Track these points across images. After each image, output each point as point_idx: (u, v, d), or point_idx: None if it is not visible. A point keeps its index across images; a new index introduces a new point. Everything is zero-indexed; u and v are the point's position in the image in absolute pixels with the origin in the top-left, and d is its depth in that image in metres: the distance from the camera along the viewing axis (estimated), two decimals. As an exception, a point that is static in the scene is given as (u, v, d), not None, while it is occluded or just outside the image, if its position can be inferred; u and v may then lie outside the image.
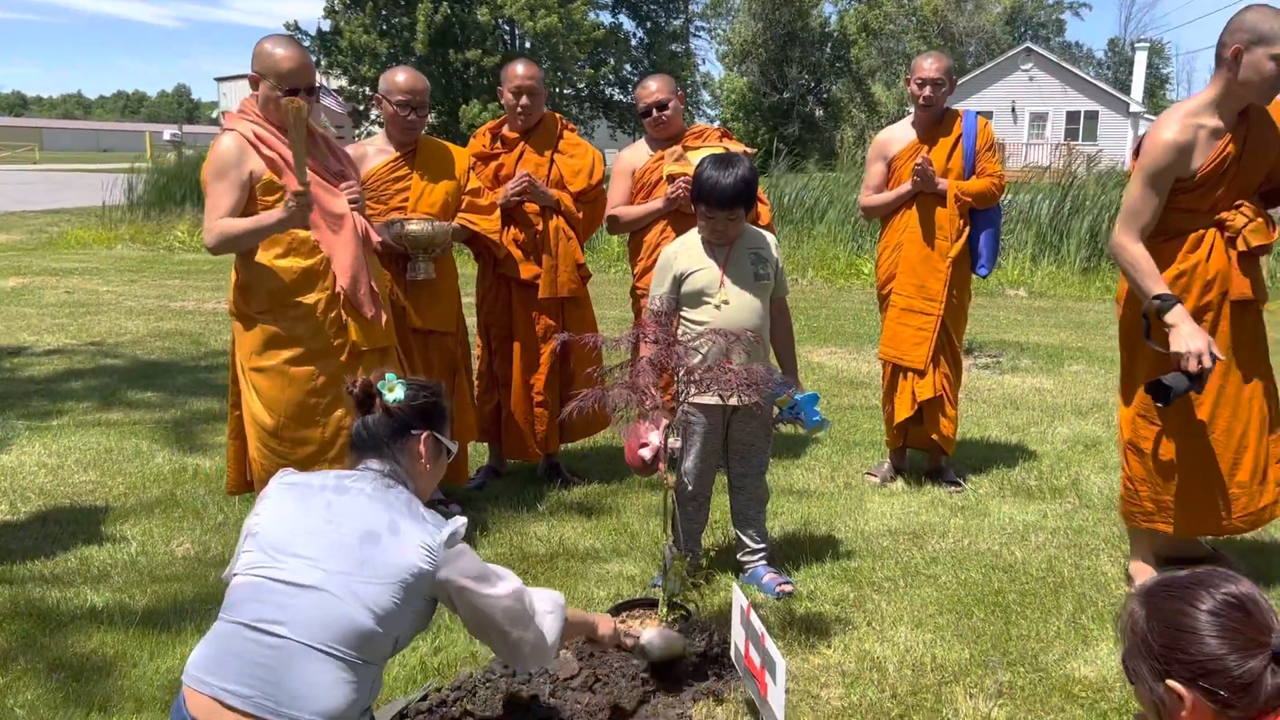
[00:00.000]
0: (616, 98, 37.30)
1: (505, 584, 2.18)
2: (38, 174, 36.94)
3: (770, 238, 3.50)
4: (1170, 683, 1.48)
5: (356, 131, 32.32)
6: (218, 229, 3.21)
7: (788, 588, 3.40)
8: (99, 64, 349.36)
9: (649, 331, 2.88)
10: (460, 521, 2.12)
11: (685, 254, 3.38)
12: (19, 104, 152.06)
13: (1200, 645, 1.44)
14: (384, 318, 3.44)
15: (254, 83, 3.33)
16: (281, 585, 1.99)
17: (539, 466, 4.68)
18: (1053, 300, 10.81)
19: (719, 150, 4.29)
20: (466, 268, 4.34)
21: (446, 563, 2.06)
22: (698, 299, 3.32)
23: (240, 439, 3.58)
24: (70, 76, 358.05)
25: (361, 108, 32.51)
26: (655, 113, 4.32)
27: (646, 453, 3.05)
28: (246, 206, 3.26)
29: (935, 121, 4.41)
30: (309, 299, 3.30)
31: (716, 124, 49.96)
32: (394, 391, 2.19)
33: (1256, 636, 1.43)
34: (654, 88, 4.33)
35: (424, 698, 2.68)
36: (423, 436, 2.23)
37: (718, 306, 3.29)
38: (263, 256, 3.28)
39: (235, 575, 2.06)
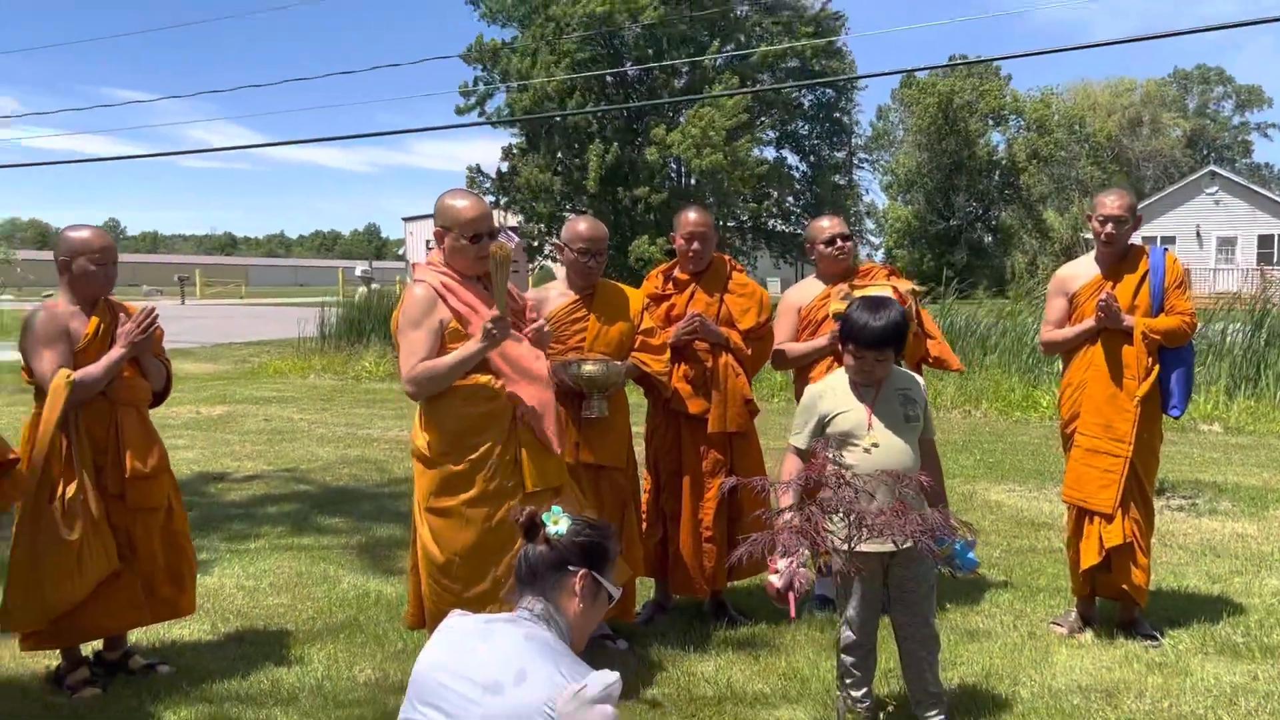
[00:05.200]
0: (779, 229, 37.87)
1: None
2: (243, 308, 40.30)
3: (918, 378, 3.48)
4: None
5: (530, 265, 33.92)
6: (418, 372, 3.36)
7: (969, 746, 3.22)
8: (299, 206, 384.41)
9: (817, 474, 2.87)
10: (608, 679, 1.94)
11: (831, 394, 3.38)
12: (229, 244, 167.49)
13: None
14: (562, 455, 3.54)
15: (439, 237, 3.54)
16: None
17: (705, 603, 4.64)
18: (1252, 437, 10.08)
19: (885, 288, 4.33)
20: (634, 394, 4.45)
21: None
22: (844, 441, 3.28)
23: (418, 574, 3.69)
24: (274, 218, 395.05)
25: (535, 243, 34.19)
26: (840, 243, 4.52)
27: (776, 580, 2.99)
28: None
29: (1119, 258, 4.30)
30: (487, 442, 3.40)
31: (880, 254, 49.75)
32: (558, 524, 2.15)
33: None
34: (832, 223, 4.59)
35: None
36: (579, 574, 2.14)
37: (867, 449, 3.24)
38: (446, 400, 3.42)
39: None
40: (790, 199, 37.85)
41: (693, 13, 31.79)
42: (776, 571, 2.97)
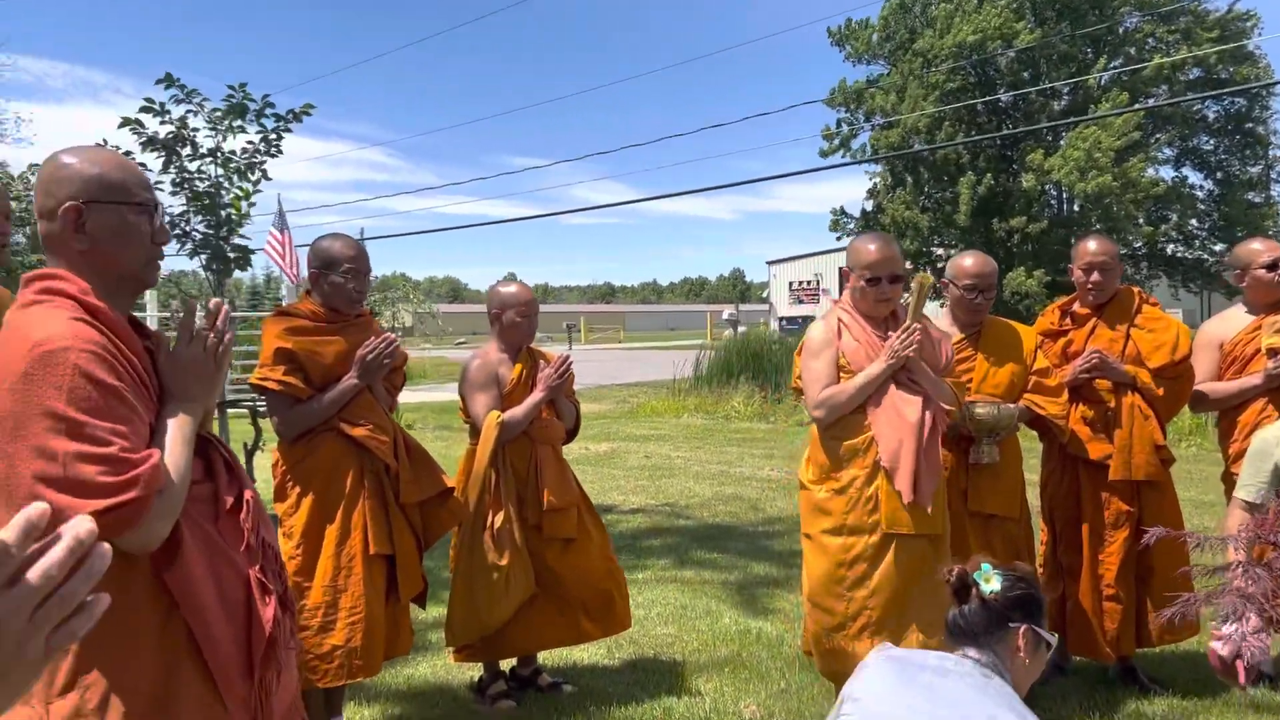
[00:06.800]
0: (1179, 254, 34.21)
1: None
2: (622, 351, 43.11)
3: None
4: None
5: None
6: (824, 396, 3.51)
7: None
8: (669, 255, 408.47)
9: (1269, 531, 2.53)
10: None
11: None
12: (609, 292, 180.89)
13: None
14: (927, 505, 3.40)
15: (845, 274, 3.69)
16: None
17: (1111, 669, 4.24)
18: None
19: (1335, 319, 3.77)
20: (1028, 438, 4.18)
21: None
22: None
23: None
24: (646, 268, 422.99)
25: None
26: None
27: (1220, 648, 2.65)
28: None
29: None
30: (846, 474, 3.46)
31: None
32: (990, 582, 2.17)
33: None
34: (1267, 245, 4.13)
35: None
36: (1021, 630, 2.15)
37: None
38: (823, 431, 3.55)
39: None
40: (1193, 221, 34.05)
41: (1075, 30, 29.80)
42: (1220, 638, 2.65)
